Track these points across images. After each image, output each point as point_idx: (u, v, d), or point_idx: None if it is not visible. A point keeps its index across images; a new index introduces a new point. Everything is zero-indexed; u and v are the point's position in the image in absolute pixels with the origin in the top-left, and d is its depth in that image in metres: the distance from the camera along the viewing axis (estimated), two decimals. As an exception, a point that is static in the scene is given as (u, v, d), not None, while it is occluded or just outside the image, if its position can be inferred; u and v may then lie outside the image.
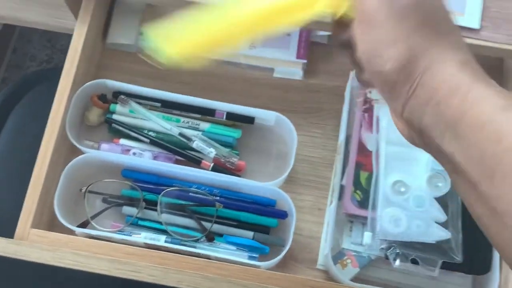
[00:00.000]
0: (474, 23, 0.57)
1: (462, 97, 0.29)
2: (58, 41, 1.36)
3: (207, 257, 0.55)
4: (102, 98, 0.62)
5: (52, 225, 0.58)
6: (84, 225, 0.57)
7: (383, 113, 0.60)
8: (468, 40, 0.57)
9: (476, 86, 0.29)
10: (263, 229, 0.59)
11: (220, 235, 0.58)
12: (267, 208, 0.59)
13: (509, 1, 0.57)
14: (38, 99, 0.84)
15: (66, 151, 0.60)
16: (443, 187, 0.56)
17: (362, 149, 0.60)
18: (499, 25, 0.57)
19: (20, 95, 0.84)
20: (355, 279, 0.56)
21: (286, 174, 0.58)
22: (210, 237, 0.57)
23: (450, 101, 0.29)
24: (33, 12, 0.70)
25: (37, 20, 0.72)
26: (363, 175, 0.59)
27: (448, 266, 0.54)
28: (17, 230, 0.54)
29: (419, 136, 0.32)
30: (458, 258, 0.53)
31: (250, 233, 0.58)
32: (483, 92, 0.29)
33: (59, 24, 0.70)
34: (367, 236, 0.55)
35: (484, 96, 0.28)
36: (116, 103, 0.62)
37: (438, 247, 0.54)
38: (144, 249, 0.54)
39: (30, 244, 0.52)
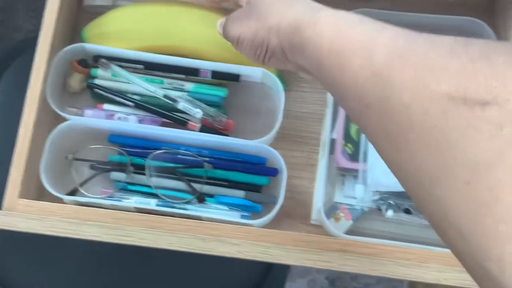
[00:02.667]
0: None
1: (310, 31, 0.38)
2: (44, 10, 1.33)
3: (199, 219, 0.55)
4: (82, 62, 0.60)
5: (40, 195, 0.57)
6: (73, 193, 0.57)
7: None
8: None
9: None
10: (254, 188, 0.58)
11: (211, 196, 0.58)
12: (257, 166, 0.58)
13: None
14: (23, 69, 0.83)
15: (49, 119, 0.59)
16: (435, 135, 0.54)
17: (352, 101, 0.58)
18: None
19: (5, 65, 0.82)
20: (349, 232, 0.56)
21: (274, 131, 0.57)
22: (201, 198, 0.57)
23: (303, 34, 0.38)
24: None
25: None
26: (354, 128, 0.58)
27: (441, 214, 0.54)
28: (4, 201, 0.53)
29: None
30: (452, 205, 0.53)
31: (242, 193, 0.58)
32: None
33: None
34: (359, 188, 0.55)
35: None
36: (97, 67, 0.60)
37: (431, 196, 0.53)
38: (134, 213, 0.53)
39: (19, 214, 0.52)
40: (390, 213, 0.53)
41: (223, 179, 0.58)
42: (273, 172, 0.58)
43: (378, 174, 0.54)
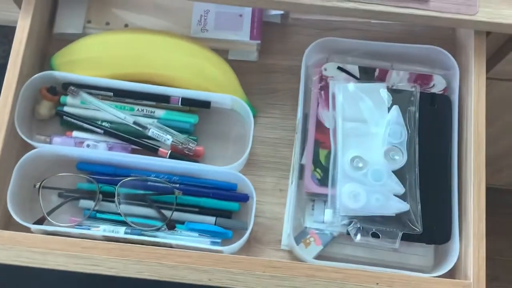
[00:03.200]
0: (423, -6, 0.56)
1: None
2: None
3: (169, 246, 0.54)
4: (52, 90, 0.60)
5: (7, 223, 0.56)
6: (40, 221, 0.56)
7: (339, 90, 0.59)
8: (418, 12, 0.57)
9: None
10: (225, 214, 0.58)
11: (182, 222, 0.57)
12: (227, 192, 0.59)
13: (457, -30, 0.57)
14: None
15: (17, 147, 0.58)
16: (400, 160, 0.56)
17: (320, 127, 0.60)
18: (447, -5, 0.57)
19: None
20: (319, 257, 0.56)
21: (243, 157, 0.57)
22: (171, 225, 0.57)
23: None
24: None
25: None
26: (322, 153, 0.59)
27: (409, 238, 0.55)
28: (-31, 231, 0.52)
29: None
30: (418, 229, 0.54)
31: (212, 219, 0.58)
32: None
33: (4, 17, 0.67)
34: (328, 213, 0.55)
35: None
36: (67, 94, 0.60)
37: (398, 219, 0.54)
38: (103, 242, 0.53)
39: (-17, 245, 0.51)
40: (358, 237, 0.54)
41: (193, 205, 0.58)
42: (244, 198, 0.58)
43: (346, 199, 0.54)
